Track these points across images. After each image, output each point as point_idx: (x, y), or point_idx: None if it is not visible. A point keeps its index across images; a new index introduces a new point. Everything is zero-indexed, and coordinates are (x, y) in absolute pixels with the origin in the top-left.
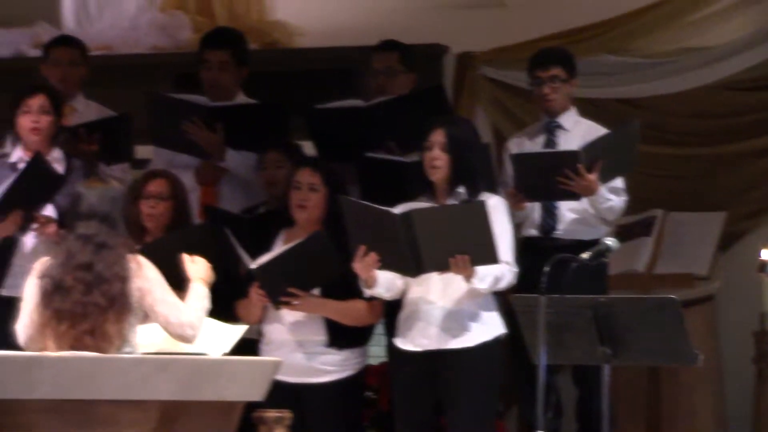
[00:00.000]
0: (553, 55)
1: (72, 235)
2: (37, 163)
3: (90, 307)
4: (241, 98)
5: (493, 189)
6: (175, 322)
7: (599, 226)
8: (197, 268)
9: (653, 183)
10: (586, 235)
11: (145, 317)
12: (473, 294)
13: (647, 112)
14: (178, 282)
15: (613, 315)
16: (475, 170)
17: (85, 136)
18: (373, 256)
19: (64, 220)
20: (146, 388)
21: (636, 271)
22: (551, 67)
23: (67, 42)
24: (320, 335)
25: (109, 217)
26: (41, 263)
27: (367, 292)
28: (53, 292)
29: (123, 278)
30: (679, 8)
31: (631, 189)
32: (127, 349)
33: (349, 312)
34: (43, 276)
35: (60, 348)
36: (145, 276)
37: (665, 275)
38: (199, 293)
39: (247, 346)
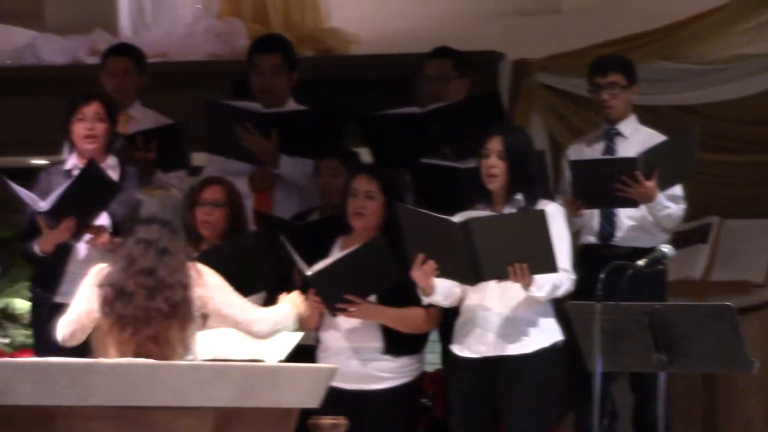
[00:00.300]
0: (612, 62)
1: (132, 239)
2: (91, 170)
3: (153, 312)
4: (292, 104)
5: (548, 196)
6: (243, 321)
7: (658, 234)
8: (291, 297)
9: (709, 190)
10: (645, 243)
11: (203, 324)
12: (531, 301)
13: (703, 118)
14: (237, 290)
15: (669, 322)
16: (532, 178)
17: (141, 143)
18: (431, 264)
19: (118, 228)
20: (202, 395)
21: (692, 278)
22: (610, 74)
23: (120, 52)
24: (376, 342)
25: (170, 224)
26: (99, 271)
27: (425, 300)
28: (114, 298)
29: (185, 285)
30: (734, 15)
31: (686, 196)
32: (189, 357)
33: (406, 319)
34: (103, 284)
35: (122, 355)
36: (206, 283)
37: (721, 282)
38: (284, 308)
39: (304, 353)
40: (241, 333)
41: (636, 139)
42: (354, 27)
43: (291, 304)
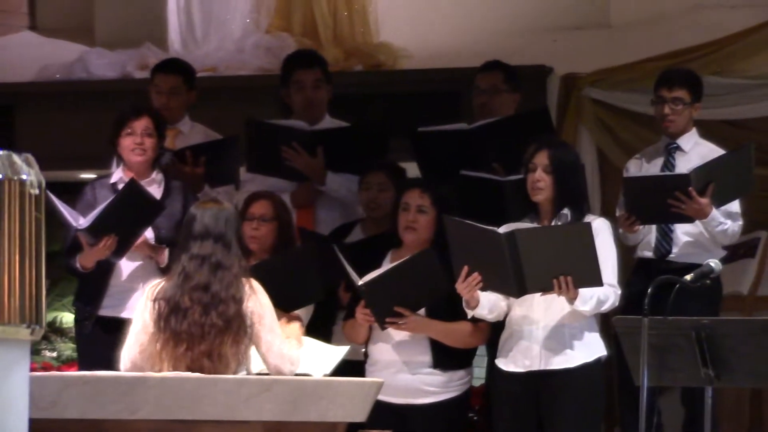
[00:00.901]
0: (680, 77)
1: (186, 255)
2: (132, 189)
3: (207, 328)
4: (328, 118)
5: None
6: (277, 352)
7: (715, 250)
8: (293, 331)
9: (758, 204)
10: (701, 259)
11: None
12: (576, 315)
13: (752, 133)
14: (284, 304)
15: (716, 337)
16: (579, 192)
17: (191, 158)
18: (476, 277)
19: (161, 240)
20: (249, 409)
21: (740, 293)
22: (676, 89)
23: (168, 69)
24: (425, 356)
25: (223, 238)
26: (153, 286)
27: (469, 313)
28: (169, 313)
29: (239, 300)
30: None
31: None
32: (242, 372)
33: (454, 333)
34: (158, 298)
35: (176, 370)
36: (259, 301)
37: None
38: (295, 346)
39: (352, 369)
40: (265, 362)
41: (696, 153)
42: (403, 42)
43: (296, 340)
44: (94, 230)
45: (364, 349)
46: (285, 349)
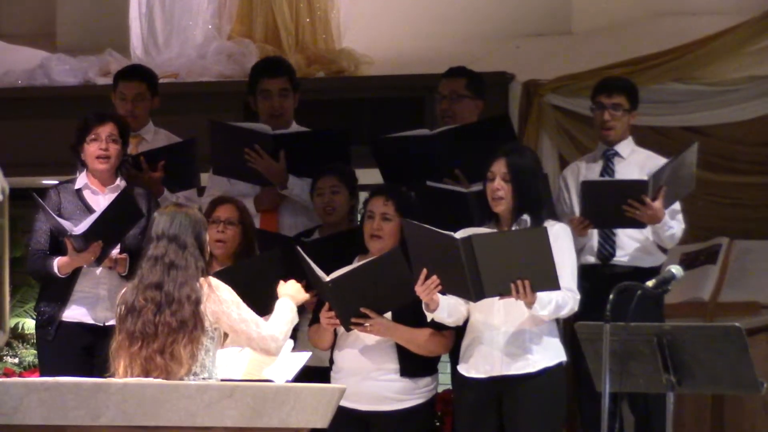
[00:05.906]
0: (618, 84)
1: (144, 257)
2: (126, 197)
3: (160, 326)
4: (294, 126)
5: (553, 216)
6: (257, 338)
7: (657, 254)
8: (288, 287)
9: (719, 211)
10: (645, 263)
11: (223, 342)
12: (535, 320)
13: (713, 140)
14: (255, 308)
15: (678, 343)
16: (538, 198)
17: (146, 165)
18: (434, 280)
19: (127, 249)
20: (211, 415)
21: (701, 299)
22: (615, 95)
23: (132, 77)
24: (392, 363)
25: (177, 239)
26: (122, 293)
27: (429, 316)
28: (126, 314)
29: (194, 301)
30: (744, 36)
31: (696, 217)
32: (204, 375)
33: (418, 340)
34: (119, 303)
35: (131, 369)
36: (219, 298)
37: (730, 303)
38: (285, 306)
39: (319, 375)
40: (254, 350)
41: (633, 159)
42: (365, 48)
43: (290, 297)
44: (87, 237)
45: (329, 356)
46: (264, 331)
